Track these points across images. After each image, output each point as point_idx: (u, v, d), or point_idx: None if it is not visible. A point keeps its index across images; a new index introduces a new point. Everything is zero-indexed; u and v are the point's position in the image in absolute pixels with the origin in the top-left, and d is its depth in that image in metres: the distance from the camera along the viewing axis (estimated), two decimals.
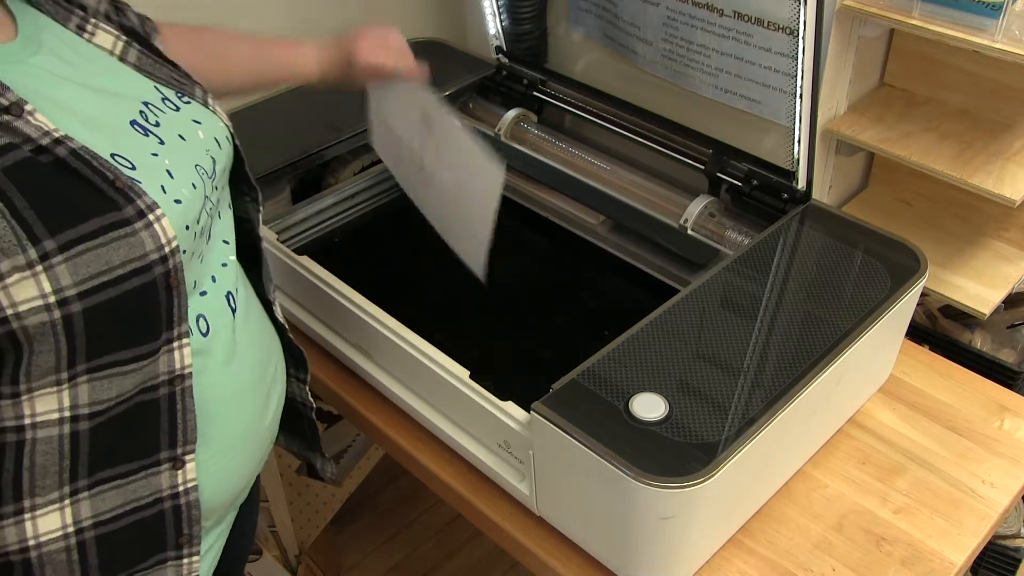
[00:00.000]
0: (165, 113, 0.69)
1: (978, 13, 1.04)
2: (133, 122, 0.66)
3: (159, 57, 0.73)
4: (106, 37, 0.70)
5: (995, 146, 1.20)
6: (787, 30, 0.97)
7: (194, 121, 0.71)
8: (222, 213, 0.75)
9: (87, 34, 0.68)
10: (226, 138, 0.75)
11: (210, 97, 0.75)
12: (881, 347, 0.95)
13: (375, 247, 1.22)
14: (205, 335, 0.69)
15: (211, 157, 0.71)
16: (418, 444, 0.99)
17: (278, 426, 0.84)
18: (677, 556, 0.82)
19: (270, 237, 1.08)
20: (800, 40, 0.93)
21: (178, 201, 0.65)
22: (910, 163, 1.19)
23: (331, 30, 1.46)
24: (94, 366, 0.61)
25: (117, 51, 0.70)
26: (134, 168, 0.63)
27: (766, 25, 0.99)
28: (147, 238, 0.60)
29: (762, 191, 1.05)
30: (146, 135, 0.66)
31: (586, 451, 0.75)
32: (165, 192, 0.64)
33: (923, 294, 1.09)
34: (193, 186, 0.67)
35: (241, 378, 0.74)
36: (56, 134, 0.58)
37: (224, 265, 0.74)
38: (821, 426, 0.94)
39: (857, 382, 0.95)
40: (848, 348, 0.84)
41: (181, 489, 0.68)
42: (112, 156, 0.62)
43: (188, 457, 0.68)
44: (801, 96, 0.97)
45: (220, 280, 0.72)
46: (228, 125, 0.76)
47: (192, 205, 0.67)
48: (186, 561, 0.70)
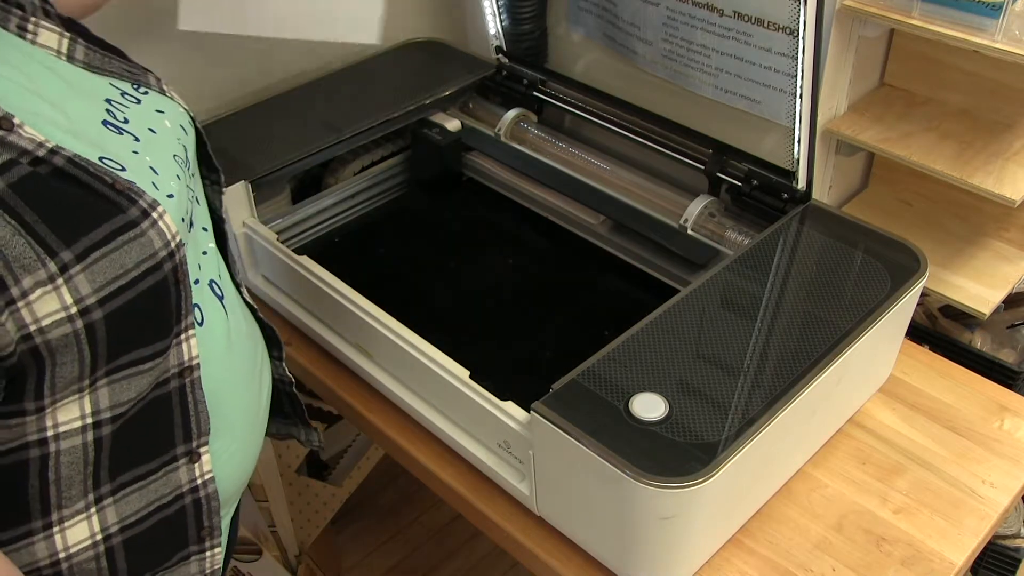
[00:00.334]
0: (128, 108, 0.68)
1: (978, 13, 1.04)
2: (104, 122, 0.65)
3: (105, 48, 0.72)
4: (50, 36, 0.67)
5: (995, 146, 1.20)
6: (787, 30, 0.97)
7: (157, 111, 0.71)
8: (199, 199, 0.75)
9: (30, 35, 0.65)
10: (189, 123, 0.75)
11: (164, 83, 0.75)
12: (881, 347, 0.95)
13: (375, 247, 1.22)
14: (201, 324, 0.69)
15: (182, 145, 0.71)
16: (418, 444, 0.99)
17: (270, 407, 0.84)
18: (677, 556, 0.82)
19: (270, 237, 1.08)
20: (800, 40, 0.93)
21: (170, 196, 0.65)
22: (910, 163, 1.19)
23: None
24: (113, 368, 0.60)
25: (64, 50, 0.67)
26: (124, 169, 0.62)
27: (766, 25, 0.99)
28: (155, 236, 0.60)
29: (762, 191, 1.05)
30: (120, 133, 0.65)
31: (586, 451, 0.75)
32: (157, 189, 0.64)
33: (923, 294, 1.09)
34: (177, 177, 0.67)
35: (237, 363, 0.74)
36: (49, 144, 0.57)
37: (205, 253, 0.74)
38: (821, 426, 0.94)
39: (857, 382, 0.95)
40: (848, 348, 0.84)
41: (200, 482, 0.68)
42: (101, 160, 0.61)
43: (203, 449, 0.68)
44: (801, 96, 0.97)
45: (204, 268, 0.73)
46: (188, 109, 0.75)
47: (181, 197, 0.67)
48: (208, 554, 0.71)
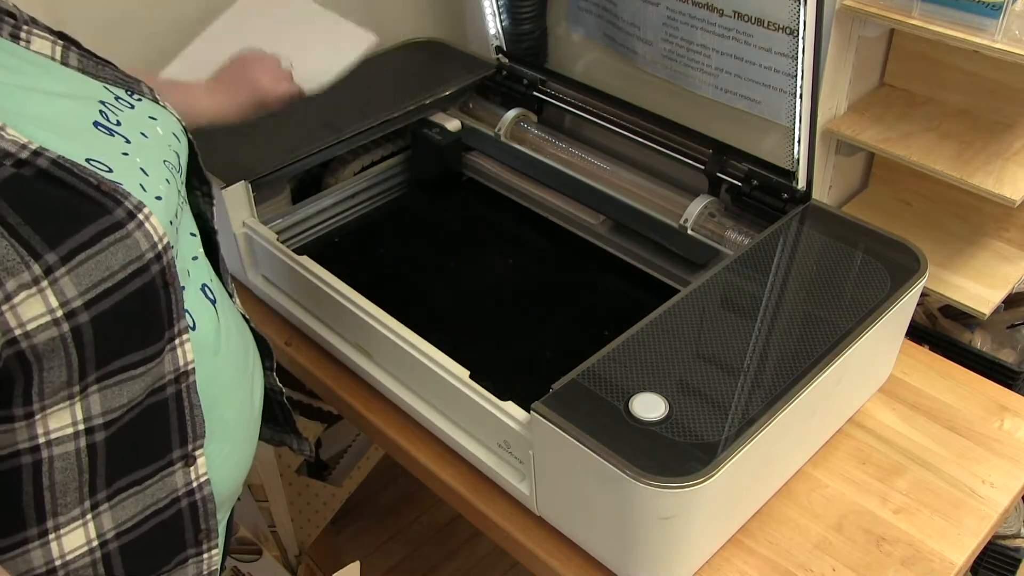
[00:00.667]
0: (122, 111, 0.68)
1: (978, 13, 1.04)
2: (96, 123, 0.65)
3: (98, 57, 0.72)
4: (43, 43, 0.67)
5: (995, 146, 1.20)
6: (787, 30, 0.97)
7: (150, 118, 0.71)
8: (186, 207, 0.75)
9: (23, 42, 0.66)
10: (182, 131, 0.75)
11: (158, 93, 0.75)
12: (881, 347, 0.95)
13: (375, 247, 1.22)
14: (193, 329, 0.69)
15: (174, 152, 0.71)
16: (418, 444, 0.99)
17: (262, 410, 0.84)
18: (677, 556, 0.82)
19: (270, 237, 1.08)
20: (800, 40, 0.93)
21: (159, 198, 0.65)
22: (910, 163, 1.19)
23: None
24: (104, 374, 0.60)
25: (57, 55, 0.68)
26: (111, 171, 0.62)
27: (766, 25, 0.99)
28: (141, 238, 0.60)
29: (762, 191, 1.05)
30: (111, 135, 0.65)
31: (586, 451, 0.75)
32: (145, 191, 0.64)
33: (923, 294, 1.09)
34: (167, 181, 0.67)
35: (230, 367, 0.74)
36: (32, 146, 0.57)
37: (195, 258, 0.74)
38: (821, 426, 0.94)
39: (857, 382, 0.95)
40: (848, 348, 0.84)
41: (195, 485, 0.68)
42: (88, 161, 0.61)
43: (198, 452, 0.68)
44: (801, 96, 0.97)
45: (194, 274, 0.72)
46: (180, 119, 0.75)
47: (170, 200, 0.67)
48: (206, 556, 0.71)
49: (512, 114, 1.30)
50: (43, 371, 0.57)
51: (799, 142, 1.00)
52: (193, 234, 0.75)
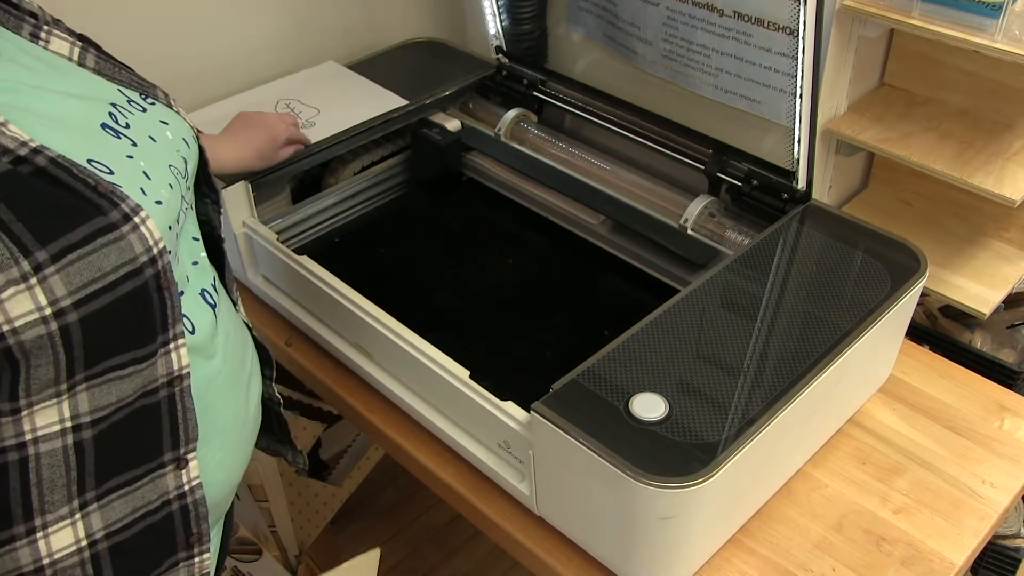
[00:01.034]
0: (133, 114, 0.69)
1: (978, 13, 1.04)
2: (104, 125, 0.65)
3: (116, 60, 0.73)
4: (61, 43, 0.68)
5: (995, 146, 1.20)
6: (787, 30, 0.97)
7: (161, 122, 0.71)
8: (191, 212, 0.75)
9: (42, 41, 0.66)
10: (193, 138, 0.75)
11: (172, 99, 0.75)
12: (881, 347, 0.95)
13: (375, 247, 1.22)
14: (192, 333, 0.69)
15: (182, 157, 0.71)
16: (418, 444, 0.99)
17: (260, 417, 0.84)
18: (677, 556, 0.82)
19: (270, 237, 1.08)
20: (800, 40, 0.93)
21: (159, 202, 0.65)
22: (910, 163, 1.19)
23: (331, 31, 1.47)
24: (92, 374, 0.60)
25: (75, 56, 0.68)
26: (112, 173, 0.62)
27: (766, 25, 0.99)
28: (135, 241, 0.60)
29: (762, 191, 1.05)
30: (118, 137, 0.65)
31: (586, 451, 0.75)
32: (145, 194, 0.63)
33: (923, 294, 1.09)
34: (170, 186, 0.67)
35: (227, 372, 0.74)
36: (32, 144, 0.57)
37: (195, 263, 0.74)
38: (821, 426, 0.94)
39: (857, 382, 0.95)
40: (848, 348, 0.84)
41: (187, 488, 0.68)
42: (89, 162, 0.61)
43: (191, 456, 0.68)
44: (801, 96, 0.97)
45: (194, 279, 0.72)
46: (193, 126, 0.76)
47: (171, 205, 0.67)
48: (197, 560, 0.70)
49: (512, 114, 1.30)
50: (30, 368, 0.57)
51: (799, 142, 1.00)
52: (196, 239, 0.75)
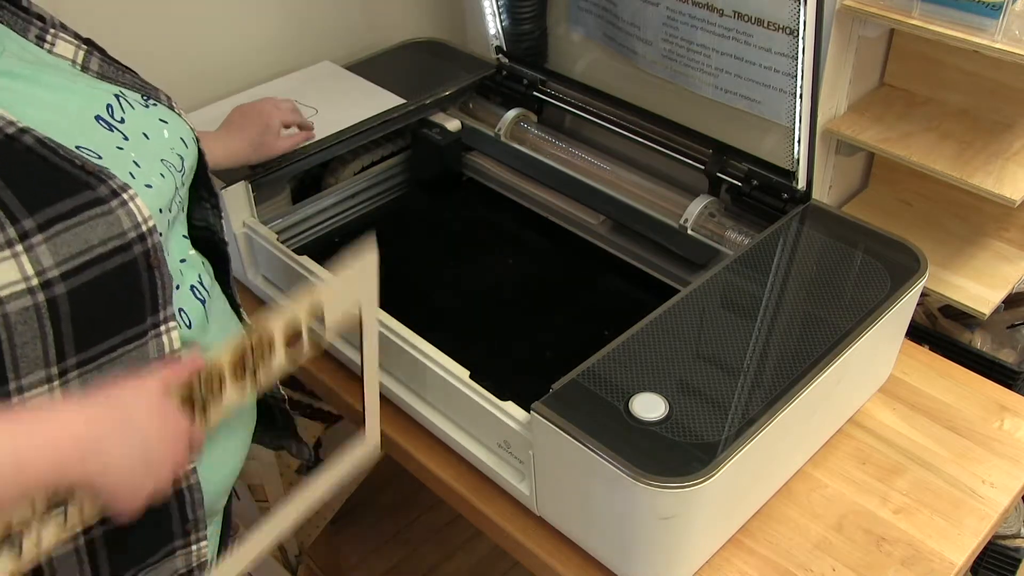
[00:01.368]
0: (134, 109, 0.69)
1: (978, 13, 1.04)
2: (98, 117, 0.65)
3: (120, 64, 0.73)
4: (66, 47, 0.69)
5: (995, 146, 1.20)
6: (787, 30, 0.97)
7: (160, 120, 0.71)
8: (183, 208, 0.76)
9: (47, 44, 0.67)
10: (192, 139, 0.75)
11: (175, 102, 0.75)
12: (881, 347, 0.95)
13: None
14: (190, 328, 0.70)
15: (178, 155, 0.71)
16: (418, 444, 0.99)
17: (256, 411, 0.84)
18: (677, 556, 0.82)
19: (270, 237, 1.08)
20: (800, 40, 0.93)
21: (148, 186, 0.65)
22: (910, 163, 1.19)
23: (331, 31, 1.46)
24: (85, 359, 0.60)
25: (79, 60, 0.69)
26: (100, 158, 0.62)
27: (766, 25, 0.99)
28: (123, 216, 0.60)
29: (762, 191, 1.05)
30: (110, 130, 0.66)
31: (586, 451, 0.75)
32: (134, 178, 0.64)
33: (923, 294, 1.09)
34: (161, 175, 0.67)
35: None
36: (19, 124, 0.58)
37: (183, 261, 0.74)
38: (821, 426, 0.94)
39: (857, 382, 0.95)
40: (848, 348, 0.84)
41: (181, 473, 0.68)
42: (77, 148, 0.61)
43: None
44: (801, 96, 0.97)
45: (185, 274, 0.73)
46: (193, 128, 0.76)
47: (163, 191, 0.67)
48: (194, 548, 0.71)
49: (512, 114, 1.30)
50: (15, 347, 0.56)
51: (799, 142, 1.00)
52: (185, 236, 0.76)
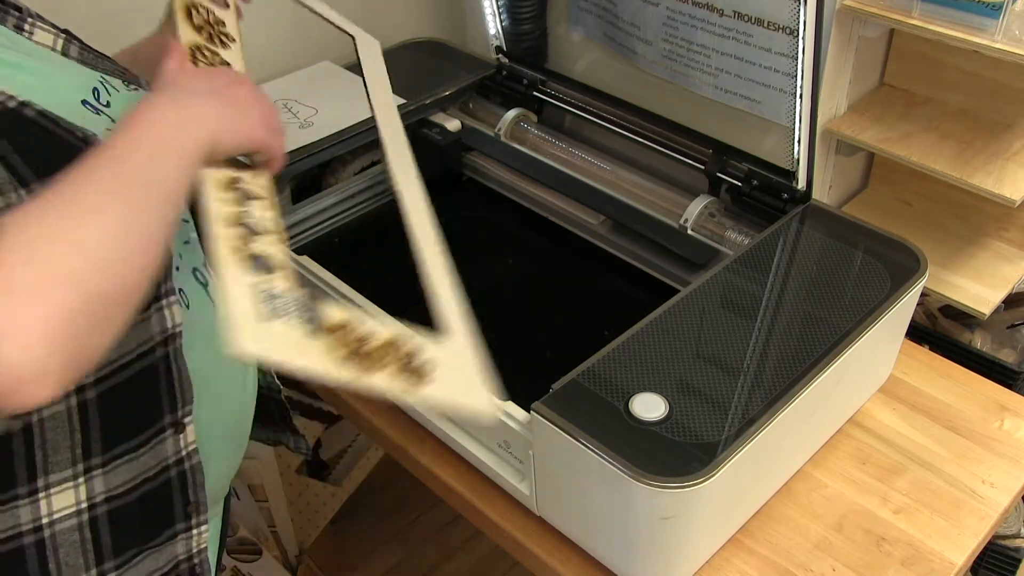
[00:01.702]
0: (118, 92, 0.69)
1: (978, 13, 1.04)
2: (84, 102, 0.66)
3: (99, 52, 0.73)
4: (45, 35, 0.69)
5: (995, 146, 1.20)
6: (787, 30, 0.97)
7: None
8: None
9: (26, 33, 0.68)
10: None
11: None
12: (881, 347, 0.95)
13: (375, 247, 1.22)
14: (188, 308, 0.70)
15: None
16: (418, 444, 0.99)
17: (255, 403, 0.84)
18: (677, 556, 0.82)
19: None
20: (800, 40, 0.93)
21: None
22: (910, 163, 1.19)
23: (331, 31, 1.46)
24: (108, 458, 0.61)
25: (58, 47, 0.69)
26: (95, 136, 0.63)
27: (766, 25, 0.99)
28: (155, 321, 0.61)
29: (762, 191, 1.05)
30: (97, 114, 0.66)
31: (586, 451, 0.75)
32: None
33: (923, 294, 1.09)
34: None
35: (221, 350, 0.75)
36: (20, 98, 0.58)
37: (186, 243, 0.74)
38: (821, 426, 0.94)
39: (857, 382, 0.95)
40: (848, 348, 0.84)
41: (184, 453, 0.68)
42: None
43: (187, 419, 0.68)
44: (801, 96, 0.97)
45: (186, 257, 0.73)
46: None
47: None
48: (195, 532, 0.71)
49: (512, 114, 1.30)
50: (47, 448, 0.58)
51: (799, 142, 1.00)
52: (186, 220, 0.76)
